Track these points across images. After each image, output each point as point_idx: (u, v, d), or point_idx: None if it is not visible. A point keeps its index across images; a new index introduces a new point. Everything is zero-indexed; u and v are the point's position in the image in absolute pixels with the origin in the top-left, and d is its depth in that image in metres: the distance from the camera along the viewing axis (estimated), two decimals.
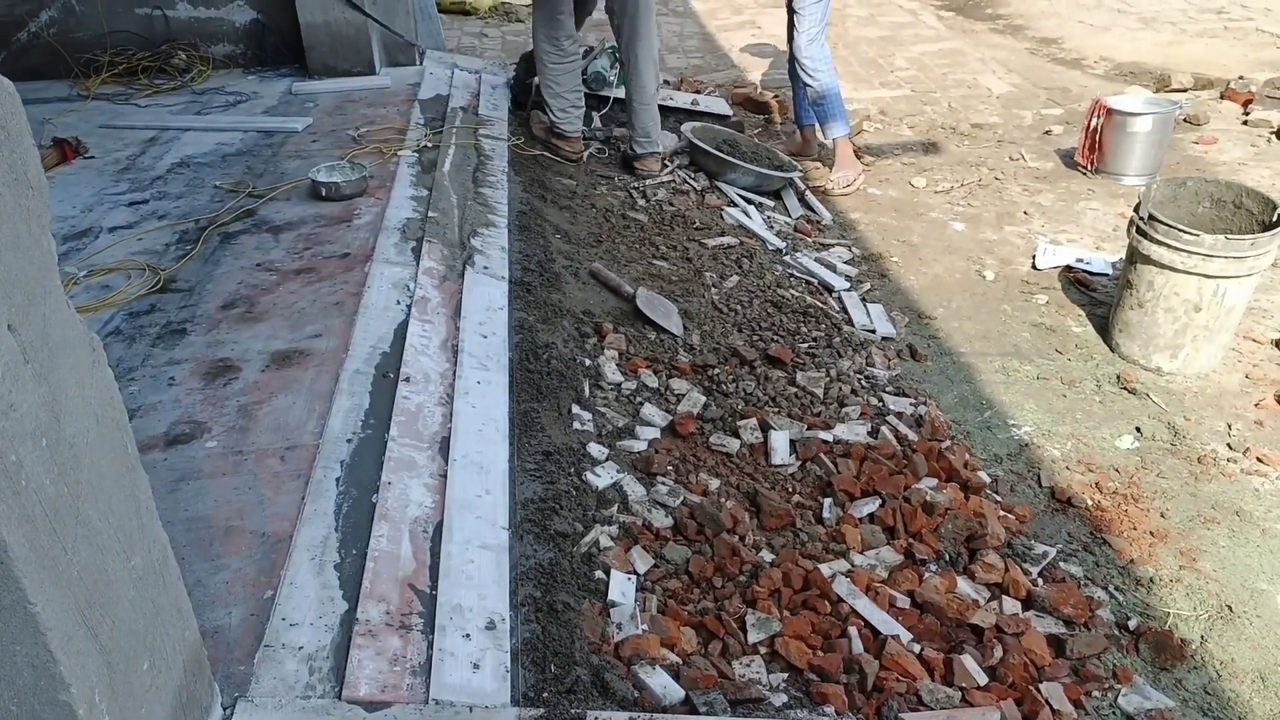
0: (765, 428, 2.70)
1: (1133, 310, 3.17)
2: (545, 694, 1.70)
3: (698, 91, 5.84)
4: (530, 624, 1.85)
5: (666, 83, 5.92)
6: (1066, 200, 4.53)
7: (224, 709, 1.54)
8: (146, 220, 3.26)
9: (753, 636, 2.02)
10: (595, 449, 2.48)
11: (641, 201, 4.18)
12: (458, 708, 1.61)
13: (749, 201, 4.39)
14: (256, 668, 1.61)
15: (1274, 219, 2.96)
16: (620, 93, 4.70)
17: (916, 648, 2.08)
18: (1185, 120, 5.49)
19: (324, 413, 2.26)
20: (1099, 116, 4.64)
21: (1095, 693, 2.08)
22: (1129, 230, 3.11)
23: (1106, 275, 3.78)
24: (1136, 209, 3.08)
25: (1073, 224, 4.28)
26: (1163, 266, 3.01)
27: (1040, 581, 2.37)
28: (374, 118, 4.24)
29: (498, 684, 1.68)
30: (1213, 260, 2.91)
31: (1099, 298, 3.67)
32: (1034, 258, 4.00)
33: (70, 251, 3.05)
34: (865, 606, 2.13)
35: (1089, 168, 4.74)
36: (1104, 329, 3.41)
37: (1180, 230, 2.92)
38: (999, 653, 2.10)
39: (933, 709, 1.92)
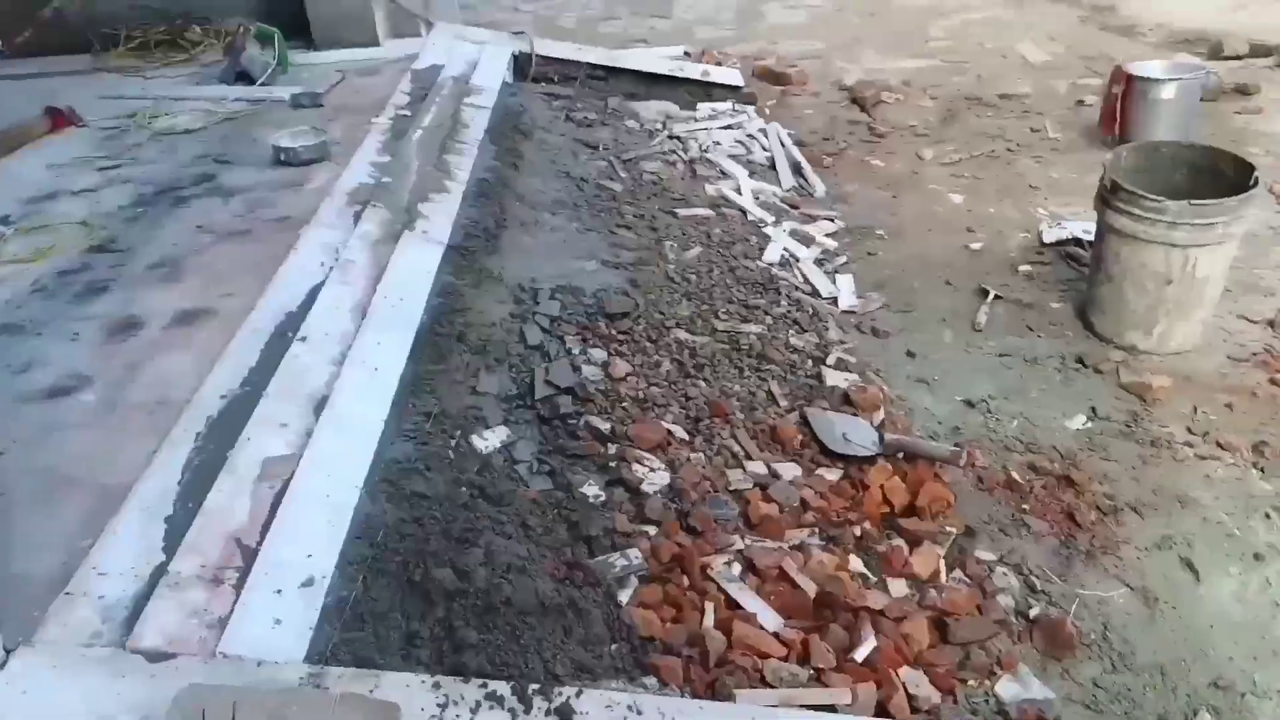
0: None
1: (1103, 285, 2.98)
2: (349, 652, 1.67)
3: (718, 63, 5.70)
4: (354, 583, 1.82)
5: (687, 54, 5.84)
6: (1079, 173, 4.28)
7: (6, 651, 1.55)
8: (111, 184, 3.34)
9: None
10: (492, 412, 2.43)
11: (624, 172, 4.11)
12: (245, 661, 1.59)
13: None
14: (50, 614, 1.62)
15: (1250, 184, 2.73)
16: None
17: (779, 626, 1.99)
18: (1236, 90, 5.16)
19: (208, 369, 2.27)
20: (1120, 84, 4.38)
21: (971, 681, 1.96)
22: (1095, 201, 2.92)
23: None
24: (1103, 177, 2.89)
25: (1080, 196, 4.04)
26: (1127, 236, 2.81)
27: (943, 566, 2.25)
28: (362, 87, 4.27)
29: (296, 640, 1.65)
30: (1178, 228, 2.71)
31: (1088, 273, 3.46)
32: (1040, 233, 3.79)
33: (29, 213, 3.14)
34: (734, 588, 2.05)
35: (1111, 138, 4.48)
36: (1082, 306, 3.21)
37: (1142, 197, 2.72)
38: (870, 634, 2.00)
39: (775, 687, 1.83)
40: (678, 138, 4.51)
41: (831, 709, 1.79)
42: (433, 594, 1.85)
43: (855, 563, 2.20)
